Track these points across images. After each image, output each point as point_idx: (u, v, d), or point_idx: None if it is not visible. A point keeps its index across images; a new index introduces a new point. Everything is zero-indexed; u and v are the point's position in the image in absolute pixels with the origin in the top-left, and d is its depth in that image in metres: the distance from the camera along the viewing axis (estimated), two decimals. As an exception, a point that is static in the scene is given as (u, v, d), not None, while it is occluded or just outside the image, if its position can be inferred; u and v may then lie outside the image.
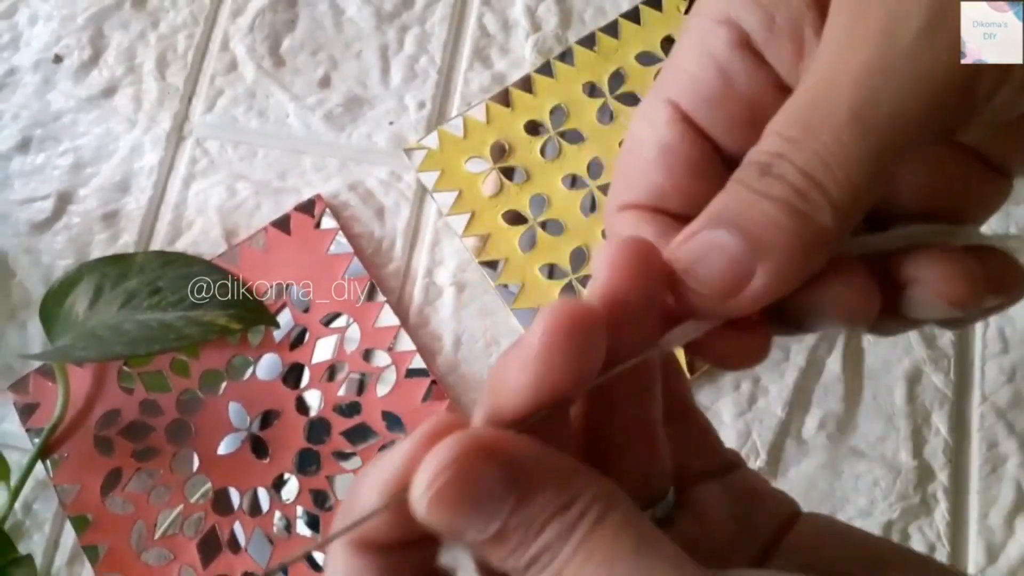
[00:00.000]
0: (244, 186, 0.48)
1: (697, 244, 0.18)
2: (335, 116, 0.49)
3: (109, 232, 0.47)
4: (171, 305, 0.41)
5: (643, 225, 0.20)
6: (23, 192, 0.48)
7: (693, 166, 0.20)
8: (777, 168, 0.17)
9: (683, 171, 0.20)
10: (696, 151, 0.20)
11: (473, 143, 0.47)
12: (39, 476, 0.43)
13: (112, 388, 0.44)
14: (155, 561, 0.41)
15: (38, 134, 0.50)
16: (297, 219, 0.46)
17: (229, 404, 0.43)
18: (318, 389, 0.43)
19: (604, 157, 0.47)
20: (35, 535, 0.42)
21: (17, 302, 0.46)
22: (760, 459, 0.42)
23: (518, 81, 0.48)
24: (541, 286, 0.44)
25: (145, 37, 0.51)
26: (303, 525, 0.41)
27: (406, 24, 0.51)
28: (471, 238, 0.45)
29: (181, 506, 0.42)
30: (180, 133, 0.50)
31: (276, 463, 0.42)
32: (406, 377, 0.43)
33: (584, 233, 0.45)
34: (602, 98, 0.48)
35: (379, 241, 0.47)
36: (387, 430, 0.42)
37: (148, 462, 0.42)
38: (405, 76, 0.50)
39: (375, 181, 0.48)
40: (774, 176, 0.17)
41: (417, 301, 0.45)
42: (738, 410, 0.43)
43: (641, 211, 0.20)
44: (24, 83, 0.51)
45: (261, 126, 0.49)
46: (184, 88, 0.50)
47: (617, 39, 0.49)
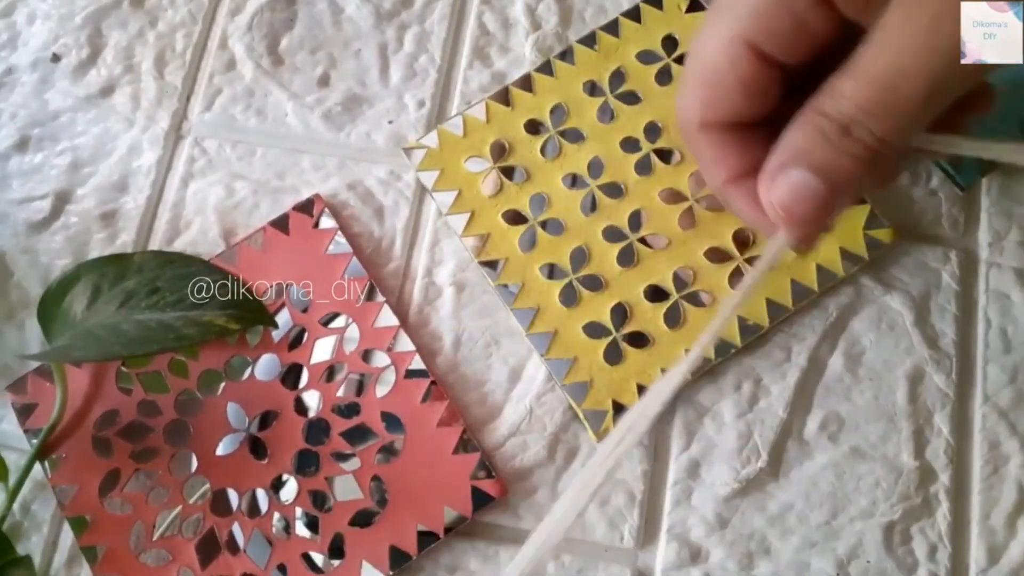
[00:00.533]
0: (242, 185, 0.48)
1: (792, 186, 0.23)
2: (334, 115, 0.49)
3: (107, 232, 0.47)
4: (170, 305, 0.41)
5: (727, 142, 0.26)
6: (21, 192, 0.48)
7: (765, 89, 0.25)
8: (856, 131, 0.22)
9: (758, 94, 0.25)
10: (767, 77, 0.25)
11: (473, 142, 0.47)
12: (37, 477, 0.43)
13: (110, 388, 0.43)
14: (154, 562, 0.41)
15: (36, 133, 0.49)
16: (296, 219, 0.46)
17: (227, 405, 0.43)
18: (317, 389, 0.43)
19: (604, 156, 0.46)
20: (33, 536, 0.42)
21: (15, 302, 0.46)
22: (761, 460, 0.42)
23: (518, 80, 0.48)
24: (541, 286, 0.44)
25: (143, 36, 0.51)
26: (302, 526, 0.41)
27: (405, 22, 0.51)
28: (471, 238, 0.45)
29: (180, 507, 0.41)
30: (178, 132, 0.49)
31: (275, 464, 0.42)
32: (405, 377, 0.43)
33: (584, 233, 0.45)
34: (603, 97, 0.48)
35: (378, 241, 0.46)
36: (386, 431, 0.42)
37: (147, 463, 0.42)
38: (404, 75, 0.50)
39: (374, 180, 0.48)
40: (854, 139, 0.22)
41: (416, 301, 0.45)
42: (739, 410, 0.43)
43: (723, 128, 0.26)
44: (22, 82, 0.50)
45: (259, 125, 0.49)
46: (182, 87, 0.50)
47: (618, 38, 0.49)
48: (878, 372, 0.43)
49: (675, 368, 0.26)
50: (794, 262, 0.44)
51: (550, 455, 0.42)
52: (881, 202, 0.46)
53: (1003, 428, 0.42)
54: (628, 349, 0.43)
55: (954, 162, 0.46)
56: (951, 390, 0.43)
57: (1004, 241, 0.45)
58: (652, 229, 0.45)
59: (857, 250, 0.44)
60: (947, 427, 0.42)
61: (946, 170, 0.46)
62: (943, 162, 0.46)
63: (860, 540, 0.41)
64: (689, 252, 0.45)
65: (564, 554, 0.41)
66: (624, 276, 0.44)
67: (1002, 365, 0.43)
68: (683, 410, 0.43)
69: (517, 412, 0.43)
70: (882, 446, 0.42)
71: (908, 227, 0.46)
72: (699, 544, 0.41)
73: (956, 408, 0.43)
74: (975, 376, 0.43)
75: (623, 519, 0.41)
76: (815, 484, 0.42)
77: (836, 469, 0.42)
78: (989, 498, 0.41)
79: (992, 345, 0.44)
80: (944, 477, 0.42)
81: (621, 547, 0.41)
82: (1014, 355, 0.43)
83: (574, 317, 0.44)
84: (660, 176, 0.46)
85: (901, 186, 0.46)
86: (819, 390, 0.43)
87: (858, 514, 0.41)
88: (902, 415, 0.43)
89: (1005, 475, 0.42)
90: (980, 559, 0.41)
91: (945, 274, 0.45)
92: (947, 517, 0.41)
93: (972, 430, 0.43)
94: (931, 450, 0.42)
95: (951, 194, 0.46)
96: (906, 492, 0.41)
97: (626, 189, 0.46)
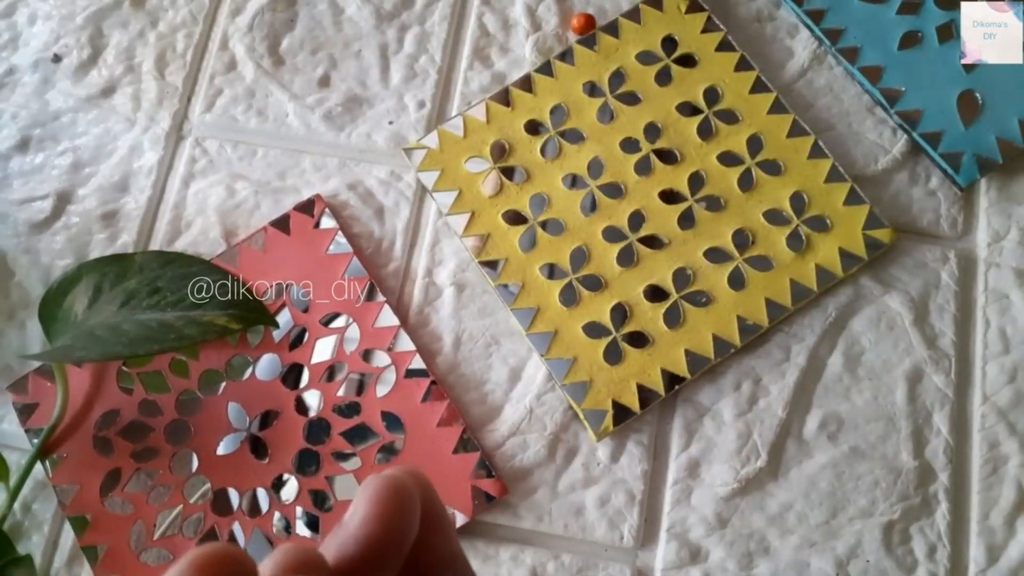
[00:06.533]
0: (243, 186, 0.48)
1: None
2: (334, 115, 0.49)
3: (108, 232, 0.47)
4: (170, 305, 0.41)
5: None
6: (22, 192, 0.48)
7: None
8: None
9: None
10: None
11: (473, 143, 0.47)
12: (38, 476, 0.43)
13: (111, 388, 0.43)
14: (154, 561, 0.41)
15: (37, 134, 0.49)
16: (296, 219, 0.46)
17: (228, 404, 0.43)
18: (317, 389, 0.43)
19: (604, 157, 0.46)
20: (34, 535, 0.42)
21: (16, 302, 0.46)
22: (761, 459, 0.42)
23: (518, 80, 0.48)
24: (541, 286, 0.44)
25: (144, 36, 0.51)
26: (302, 526, 0.41)
27: (406, 23, 0.51)
28: (471, 238, 0.45)
29: (180, 506, 0.41)
30: (179, 132, 0.50)
31: (275, 464, 0.42)
32: (406, 377, 0.43)
33: (584, 233, 0.45)
34: (602, 97, 0.48)
35: (379, 241, 0.47)
36: (387, 430, 0.42)
37: (147, 462, 0.42)
38: (405, 75, 0.50)
39: (375, 181, 0.48)
40: None
41: (417, 301, 0.45)
42: (739, 410, 0.43)
43: None
44: (23, 83, 0.50)
45: (260, 125, 0.49)
46: (183, 87, 0.50)
47: (617, 38, 0.49)
48: (877, 372, 0.43)
49: None
50: (793, 262, 0.44)
51: (550, 455, 0.42)
52: (880, 202, 0.46)
53: (1002, 428, 0.42)
54: (628, 349, 0.43)
55: (953, 162, 0.46)
56: (950, 390, 0.43)
57: (1003, 241, 0.45)
58: (652, 229, 0.45)
59: (856, 250, 0.44)
60: (946, 427, 0.42)
61: (945, 170, 0.46)
62: (942, 161, 0.46)
63: (859, 540, 0.41)
64: (689, 252, 0.45)
65: (564, 553, 0.41)
66: (624, 276, 0.44)
67: (1001, 365, 0.43)
68: (683, 410, 0.43)
69: (517, 412, 0.43)
70: (881, 446, 0.42)
71: (907, 227, 0.46)
72: (699, 543, 0.41)
73: (955, 408, 0.43)
74: (974, 376, 0.43)
75: (623, 519, 0.41)
76: (814, 484, 0.42)
77: (835, 469, 0.42)
78: (988, 498, 0.41)
79: (991, 345, 0.44)
80: (943, 477, 0.42)
81: (621, 547, 0.41)
82: (1013, 355, 0.44)
83: (574, 317, 0.44)
84: (660, 176, 0.46)
85: (900, 186, 0.47)
86: (818, 390, 0.43)
87: (857, 514, 0.41)
88: (901, 415, 0.43)
89: (1004, 475, 0.42)
90: (979, 558, 0.41)
91: (944, 274, 0.45)
92: (946, 517, 0.41)
93: (971, 430, 0.43)
94: (930, 450, 0.42)
95: (950, 194, 0.46)
96: (905, 492, 0.41)
97: (626, 189, 0.46)
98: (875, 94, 0.48)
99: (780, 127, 0.47)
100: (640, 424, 0.43)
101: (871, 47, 0.48)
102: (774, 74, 0.49)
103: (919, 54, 0.48)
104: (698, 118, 0.47)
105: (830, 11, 0.49)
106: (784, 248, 0.44)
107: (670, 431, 0.43)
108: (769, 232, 0.45)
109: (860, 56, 0.48)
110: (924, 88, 0.47)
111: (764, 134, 0.47)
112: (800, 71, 0.49)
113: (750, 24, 0.50)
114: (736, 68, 0.48)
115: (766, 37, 0.50)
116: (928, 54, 0.48)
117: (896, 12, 0.49)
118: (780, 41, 0.50)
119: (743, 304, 0.44)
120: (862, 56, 0.48)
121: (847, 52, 0.48)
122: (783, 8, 0.50)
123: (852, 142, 0.47)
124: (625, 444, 0.42)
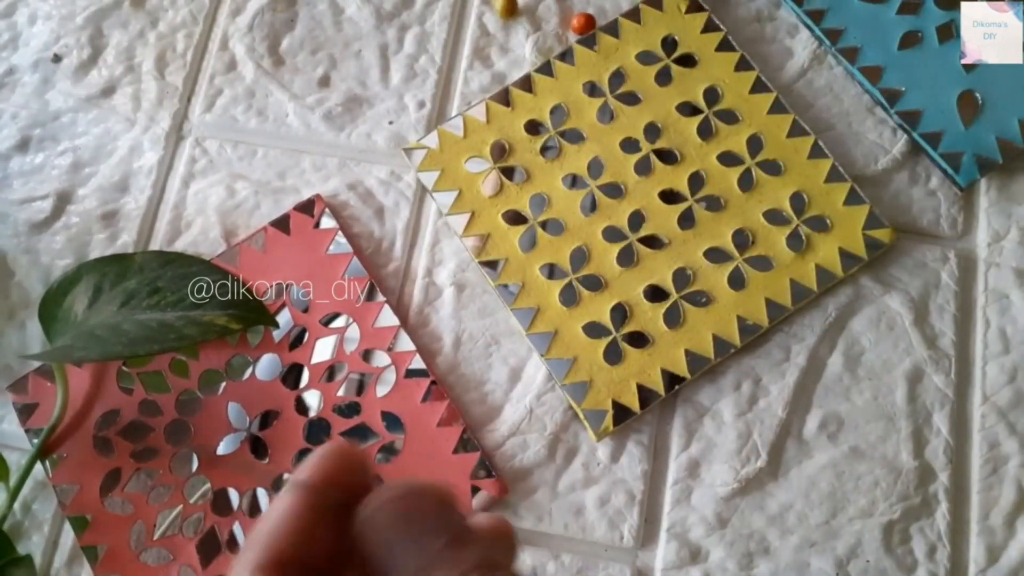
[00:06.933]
0: (243, 186, 0.48)
1: None
2: (335, 115, 0.49)
3: (108, 232, 0.47)
4: (170, 305, 0.41)
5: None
6: (22, 192, 0.48)
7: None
8: None
9: None
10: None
11: (473, 143, 0.47)
12: (38, 476, 0.43)
13: (111, 388, 0.43)
14: (154, 561, 0.41)
15: (37, 134, 0.49)
16: (296, 219, 0.46)
17: (228, 404, 0.43)
18: (317, 389, 0.43)
19: (604, 157, 0.46)
20: (34, 535, 0.42)
21: (16, 302, 0.46)
22: (761, 459, 0.42)
23: (518, 80, 0.48)
24: (541, 286, 0.44)
25: (144, 36, 0.51)
26: (302, 526, 0.41)
27: (406, 23, 0.51)
28: (471, 238, 0.45)
29: (180, 506, 0.41)
30: (179, 133, 0.50)
31: (276, 463, 0.42)
32: (406, 377, 0.43)
33: (584, 233, 0.45)
34: (602, 97, 0.48)
35: (379, 241, 0.47)
36: (387, 430, 0.42)
37: (147, 462, 0.42)
38: (405, 75, 0.50)
39: (375, 181, 0.48)
40: None
41: (417, 301, 0.45)
42: (739, 410, 0.43)
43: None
44: (23, 83, 0.50)
45: (260, 126, 0.49)
46: (183, 87, 0.50)
47: (617, 38, 0.49)
48: (877, 372, 0.43)
49: None
50: (793, 262, 0.44)
51: (550, 455, 0.42)
52: (880, 202, 0.46)
53: (1002, 428, 0.42)
54: (628, 349, 0.43)
55: (953, 162, 0.46)
56: (950, 390, 0.43)
57: (1003, 241, 0.45)
58: (652, 229, 0.45)
59: (856, 250, 0.44)
60: (946, 427, 0.42)
61: (945, 170, 0.46)
62: (942, 161, 0.46)
63: (859, 540, 0.41)
64: (689, 252, 0.45)
65: (564, 553, 0.41)
66: (624, 276, 0.44)
67: (1001, 365, 0.43)
68: (683, 410, 0.43)
69: (517, 412, 0.43)
70: (881, 446, 0.42)
71: (907, 227, 0.46)
72: (699, 544, 0.41)
73: (955, 408, 0.43)
74: (974, 376, 0.43)
75: (623, 519, 0.41)
76: (814, 484, 0.42)
77: (835, 469, 0.42)
78: (988, 498, 0.41)
79: (991, 345, 0.44)
80: (943, 477, 0.42)
81: (621, 547, 0.41)
82: (1013, 355, 0.44)
83: (574, 317, 0.44)
84: (660, 176, 0.46)
85: (900, 186, 0.47)
86: (818, 390, 0.43)
87: (857, 514, 0.41)
88: (901, 415, 0.43)
89: (1004, 475, 0.42)
90: (979, 558, 0.41)
91: (944, 274, 0.45)
92: (946, 517, 0.41)
93: (971, 430, 0.43)
94: (930, 450, 0.42)
95: (950, 194, 0.46)
96: (905, 492, 0.41)
97: (626, 189, 0.46)
98: (875, 94, 0.48)
99: (780, 127, 0.47)
100: (640, 424, 0.43)
101: (871, 47, 0.48)
102: (774, 74, 0.49)
103: (919, 54, 0.48)
104: (698, 118, 0.47)
105: (830, 11, 0.49)
106: (784, 248, 0.44)
107: (670, 431, 0.43)
108: (769, 232, 0.45)
109: (860, 56, 0.48)
110: (924, 88, 0.47)
111: (764, 134, 0.47)
112: (800, 71, 0.49)
113: (750, 24, 0.50)
114: (736, 68, 0.48)
115: (766, 37, 0.50)
116: (928, 54, 0.48)
117: (896, 12, 0.49)
118: (780, 41, 0.50)
119: (743, 304, 0.44)
120: (862, 56, 0.48)
121: (847, 52, 0.48)
122: (783, 8, 0.50)
123: (852, 142, 0.47)
124: (625, 444, 0.42)
